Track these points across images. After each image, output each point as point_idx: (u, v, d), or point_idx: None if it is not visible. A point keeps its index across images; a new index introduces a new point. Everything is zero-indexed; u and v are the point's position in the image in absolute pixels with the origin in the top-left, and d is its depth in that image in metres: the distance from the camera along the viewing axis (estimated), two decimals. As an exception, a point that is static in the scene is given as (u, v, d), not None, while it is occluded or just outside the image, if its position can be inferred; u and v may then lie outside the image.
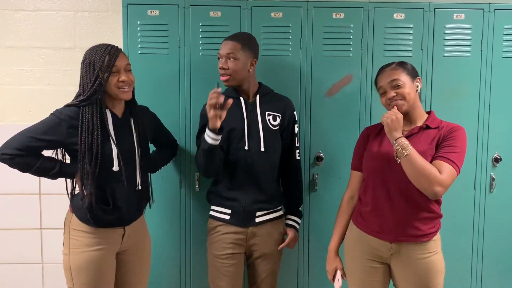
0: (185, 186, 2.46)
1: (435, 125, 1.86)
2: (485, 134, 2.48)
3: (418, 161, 1.69)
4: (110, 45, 1.87)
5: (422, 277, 1.83)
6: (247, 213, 2.09)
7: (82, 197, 1.85)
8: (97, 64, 1.81)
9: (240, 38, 2.07)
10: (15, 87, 2.70)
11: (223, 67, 2.04)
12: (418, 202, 1.81)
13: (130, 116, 1.97)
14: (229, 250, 2.09)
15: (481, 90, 2.46)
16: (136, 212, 2.01)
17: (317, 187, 2.47)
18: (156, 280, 2.44)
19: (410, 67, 1.89)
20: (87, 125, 1.81)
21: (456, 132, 1.81)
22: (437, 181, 1.69)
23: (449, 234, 2.50)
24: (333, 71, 2.42)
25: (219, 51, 2.07)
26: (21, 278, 2.80)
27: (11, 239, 2.76)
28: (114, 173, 1.87)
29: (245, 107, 2.10)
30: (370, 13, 2.42)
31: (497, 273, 2.56)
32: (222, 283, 2.11)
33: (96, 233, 1.88)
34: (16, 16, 2.66)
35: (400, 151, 1.71)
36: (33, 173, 1.84)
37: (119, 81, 1.86)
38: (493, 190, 2.50)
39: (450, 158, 1.74)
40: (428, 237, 1.83)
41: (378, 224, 1.87)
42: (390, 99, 1.84)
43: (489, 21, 2.44)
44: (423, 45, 2.44)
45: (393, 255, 1.86)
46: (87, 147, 1.81)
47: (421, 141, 1.82)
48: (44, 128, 1.81)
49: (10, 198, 2.74)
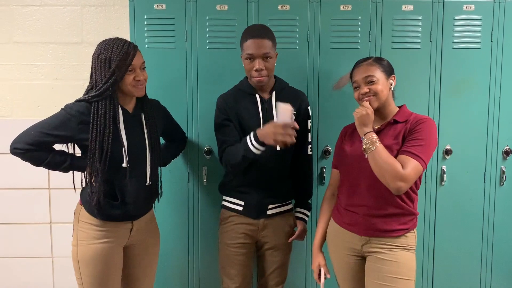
0: (193, 180, 2.46)
1: (403, 119, 1.84)
2: (495, 126, 2.45)
3: (382, 155, 1.70)
4: (127, 41, 1.86)
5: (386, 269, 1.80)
6: (259, 206, 2.11)
7: (91, 192, 1.86)
8: (113, 61, 1.80)
9: (268, 34, 2.01)
10: (23, 82, 2.72)
11: (261, 68, 1.97)
12: (385, 197, 1.81)
13: (141, 112, 1.97)
14: (241, 240, 2.11)
15: (491, 82, 2.43)
16: (145, 207, 2.02)
17: (325, 180, 2.46)
18: (164, 274, 2.46)
19: (386, 64, 1.88)
20: (99, 122, 1.81)
21: (422, 125, 1.78)
22: (399, 176, 1.68)
23: (458, 227, 2.50)
24: (341, 64, 2.40)
25: (250, 51, 1.97)
26: (31, 272, 2.83)
27: (21, 233, 2.79)
28: (124, 169, 1.87)
29: (260, 105, 2.08)
30: (378, 5, 2.39)
31: (507, 267, 2.54)
32: (233, 270, 2.12)
33: (104, 226, 1.89)
34: (23, 11, 2.67)
35: (368, 146, 1.73)
36: (44, 166, 1.87)
37: (135, 80, 1.85)
38: (503, 183, 2.47)
39: (415, 152, 1.72)
40: (397, 232, 1.83)
41: (349, 218, 1.90)
42: (363, 94, 1.85)
43: (499, 12, 2.40)
44: (432, 37, 2.41)
45: (364, 248, 1.88)
46: (98, 144, 1.81)
47: (388, 136, 1.82)
48: (54, 124, 1.82)
49: (20, 192, 2.76)
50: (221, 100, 2.12)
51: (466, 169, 2.47)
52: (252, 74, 2.01)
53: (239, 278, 2.13)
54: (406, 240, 1.85)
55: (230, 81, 2.21)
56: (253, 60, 1.98)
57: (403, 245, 1.84)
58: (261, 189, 2.10)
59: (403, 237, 1.84)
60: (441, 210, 2.49)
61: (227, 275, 2.15)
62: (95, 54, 1.85)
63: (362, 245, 1.88)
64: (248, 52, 1.98)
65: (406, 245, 1.84)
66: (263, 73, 1.99)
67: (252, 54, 1.97)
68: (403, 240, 1.84)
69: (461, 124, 2.44)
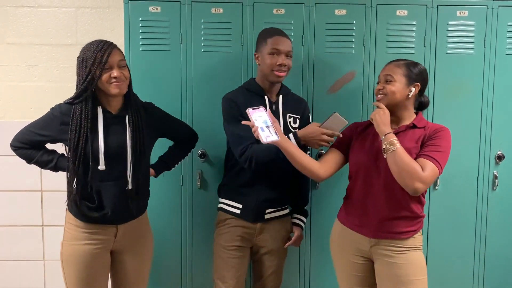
0: (187, 183, 2.46)
1: (421, 125, 1.89)
2: (488, 131, 2.47)
3: (403, 156, 1.73)
4: (103, 41, 1.84)
5: (401, 272, 1.82)
6: (257, 210, 2.10)
7: (69, 193, 1.89)
8: (89, 60, 1.79)
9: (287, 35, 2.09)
10: (16, 83, 2.70)
11: (284, 63, 2.02)
12: (399, 200, 1.83)
13: (127, 113, 1.93)
14: (237, 243, 2.11)
15: (484, 88, 2.45)
16: (127, 212, 1.95)
17: (319, 184, 2.46)
18: (157, 279, 2.44)
19: (416, 71, 1.88)
20: (75, 123, 1.82)
21: (441, 133, 1.84)
22: (419, 177, 1.71)
23: (451, 232, 2.51)
24: (335, 68, 2.41)
25: (277, 46, 2.01)
26: (23, 275, 2.80)
27: (12, 236, 2.77)
28: (101, 172, 1.86)
29: (269, 106, 2.08)
30: (372, 10, 2.40)
31: (500, 271, 2.55)
32: (226, 273, 2.12)
33: (86, 228, 1.89)
34: (17, 12, 2.66)
35: (388, 146, 1.75)
36: (35, 164, 1.93)
37: (111, 77, 1.82)
38: (495, 188, 2.49)
39: (434, 156, 1.76)
40: (407, 234, 1.85)
41: (360, 219, 1.91)
42: (377, 89, 1.91)
43: (492, 18, 2.42)
44: (426, 42, 2.42)
45: (373, 250, 1.88)
46: (73, 145, 1.82)
47: (407, 139, 1.84)
48: (41, 123, 1.88)
49: (12, 195, 2.73)
50: (229, 97, 2.09)
51: (459, 173, 2.48)
52: (274, 69, 2.03)
53: (232, 281, 2.12)
54: (414, 241, 1.87)
55: (225, 84, 2.22)
56: (278, 55, 2.02)
57: (412, 246, 1.86)
58: (261, 192, 2.09)
59: (411, 238, 1.86)
60: (434, 214, 2.50)
61: (221, 278, 2.14)
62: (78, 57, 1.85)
63: (370, 247, 1.88)
64: (275, 47, 2.02)
65: (415, 246, 1.86)
66: (284, 69, 2.04)
67: (279, 49, 2.02)
68: (411, 241, 1.86)
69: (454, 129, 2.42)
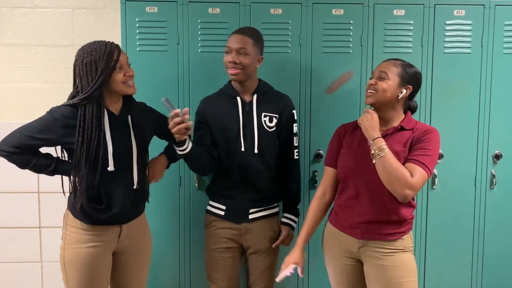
0: (185, 184, 2.45)
1: (409, 126, 1.86)
2: (485, 131, 2.47)
3: (391, 163, 1.70)
4: (108, 42, 1.85)
5: (389, 275, 1.81)
6: (240, 210, 2.10)
7: (75, 197, 1.85)
8: (99, 62, 1.78)
9: (252, 33, 2.05)
10: (12, 84, 2.69)
11: (234, 60, 1.99)
12: (386, 205, 1.81)
13: (128, 114, 1.94)
14: (224, 244, 2.11)
15: (482, 87, 2.45)
16: (133, 211, 1.98)
17: (317, 184, 2.46)
18: (156, 279, 2.44)
19: (411, 73, 1.86)
20: (85, 125, 1.79)
21: (429, 135, 1.81)
22: (408, 184, 1.69)
23: (449, 231, 2.51)
24: (333, 68, 2.41)
25: (229, 44, 2.02)
26: (20, 277, 2.79)
27: (10, 237, 2.75)
28: (110, 173, 1.85)
29: (241, 107, 2.08)
30: (370, 10, 2.40)
31: (498, 270, 2.55)
32: (217, 275, 2.13)
33: (91, 230, 1.87)
34: (13, 13, 2.65)
35: (376, 152, 1.73)
36: (30, 169, 1.86)
37: (125, 76, 1.84)
38: (493, 187, 2.49)
39: (423, 161, 1.74)
40: (394, 236, 1.84)
41: (348, 220, 1.90)
42: (368, 84, 1.87)
43: (489, 17, 2.43)
44: (423, 42, 2.43)
45: (361, 251, 1.88)
46: (84, 147, 1.79)
47: (396, 142, 1.82)
48: (39, 127, 1.81)
49: (9, 196, 2.72)
50: (201, 102, 2.15)
51: (457, 173, 2.48)
52: (227, 66, 2.03)
53: (223, 283, 2.13)
54: (403, 242, 1.85)
55: (222, 84, 2.21)
56: (230, 53, 2.02)
57: (400, 248, 1.84)
58: (243, 192, 2.09)
59: (400, 240, 1.85)
60: (432, 214, 2.50)
61: (211, 279, 2.15)
62: (77, 61, 1.82)
63: (358, 248, 1.88)
64: (227, 45, 2.04)
65: (403, 247, 1.85)
66: (237, 66, 2.00)
67: (229, 46, 2.02)
68: (400, 242, 1.85)
69: (451, 128, 2.45)
